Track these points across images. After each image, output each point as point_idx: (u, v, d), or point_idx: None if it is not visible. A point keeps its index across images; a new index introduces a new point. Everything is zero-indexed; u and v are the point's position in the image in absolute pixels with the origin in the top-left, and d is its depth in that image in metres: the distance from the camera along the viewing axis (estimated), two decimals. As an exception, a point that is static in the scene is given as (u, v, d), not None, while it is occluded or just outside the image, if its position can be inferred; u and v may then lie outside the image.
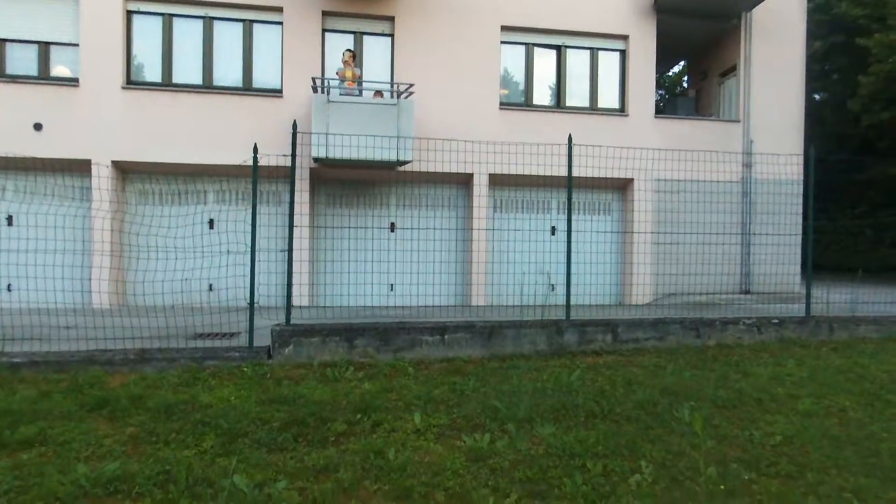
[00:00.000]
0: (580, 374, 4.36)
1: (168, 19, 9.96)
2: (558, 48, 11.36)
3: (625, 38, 11.41)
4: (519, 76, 11.39)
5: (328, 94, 9.45)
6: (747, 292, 12.05)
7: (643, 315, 5.67)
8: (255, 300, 4.99)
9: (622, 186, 11.60)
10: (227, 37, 10.26)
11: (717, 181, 11.77)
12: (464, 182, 11.03)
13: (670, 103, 13.64)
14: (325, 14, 10.28)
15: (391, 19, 10.53)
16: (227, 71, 10.26)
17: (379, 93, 10.02)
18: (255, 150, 5.30)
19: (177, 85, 9.95)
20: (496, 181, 10.92)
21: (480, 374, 4.44)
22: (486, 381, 4.24)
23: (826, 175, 19.38)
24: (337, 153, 9.32)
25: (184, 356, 4.69)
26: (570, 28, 11.18)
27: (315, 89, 9.63)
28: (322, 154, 9.28)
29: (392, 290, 10.85)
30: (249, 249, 4.97)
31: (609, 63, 11.59)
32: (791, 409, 3.57)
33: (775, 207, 11.36)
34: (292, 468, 2.79)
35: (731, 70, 12.32)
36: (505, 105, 10.99)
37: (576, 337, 5.12)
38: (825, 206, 19.67)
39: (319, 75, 10.13)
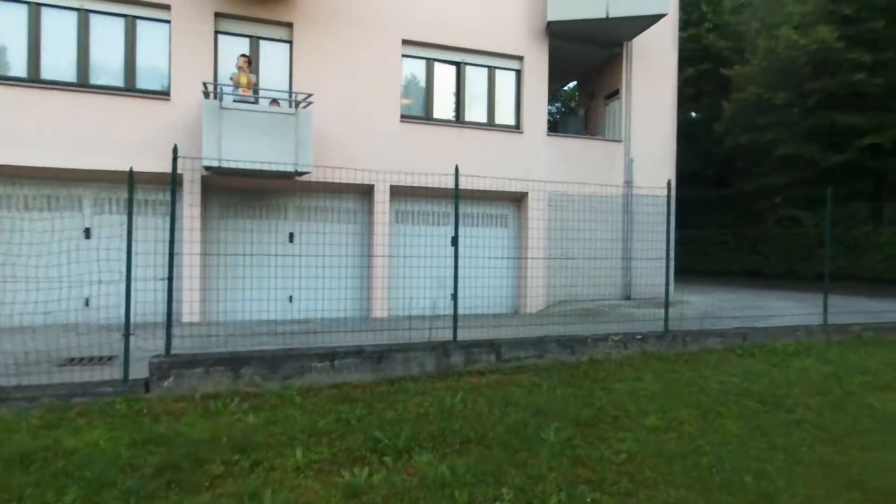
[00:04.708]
0: (463, 396, 4.63)
1: (35, 9, 9.08)
2: (458, 64, 11.71)
3: (520, 58, 12.00)
4: (420, 90, 11.61)
5: (221, 100, 9.09)
6: (628, 298, 13.14)
7: (526, 333, 6.07)
8: (132, 323, 4.75)
9: (518, 199, 12.19)
10: (107, 32, 9.56)
11: (603, 196, 12.74)
12: (365, 193, 11.07)
13: (562, 119, 14.54)
14: (217, 16, 9.87)
15: (289, 25, 10.32)
16: (107, 69, 9.56)
17: (276, 101, 9.80)
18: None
19: (46, 81, 9.10)
20: (397, 192, 11.06)
21: (368, 400, 4.57)
22: (372, 409, 4.37)
23: (698, 190, 21.64)
24: (230, 163, 9.01)
25: (47, 394, 4.36)
26: (469, 46, 11.57)
27: (207, 95, 9.23)
28: (214, 163, 8.93)
29: (291, 302, 10.68)
30: (125, 272, 4.71)
31: (506, 82, 12.14)
32: (640, 426, 4.06)
33: (651, 223, 12.45)
34: (162, 520, 2.76)
35: (615, 93, 13.35)
36: (406, 118, 11.16)
37: (462, 358, 5.40)
38: (697, 219, 21.91)
39: (211, 80, 9.72)
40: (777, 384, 5.17)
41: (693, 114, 23.02)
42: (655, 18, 11.73)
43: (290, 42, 10.40)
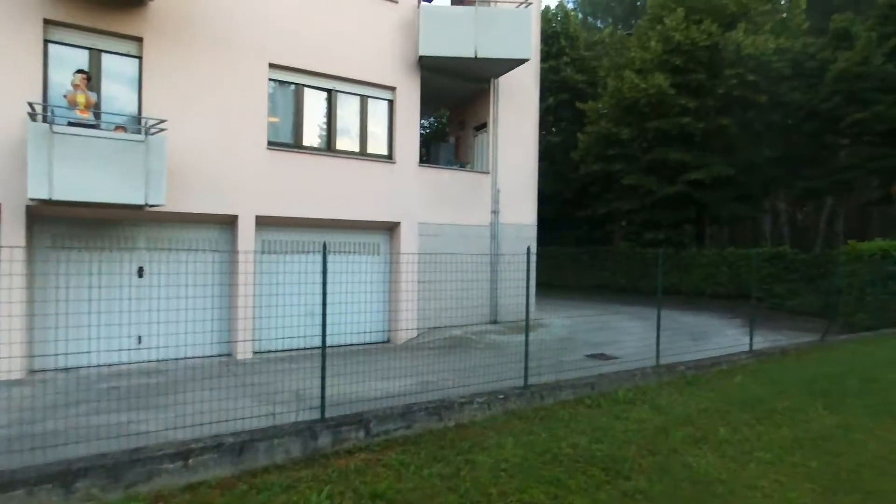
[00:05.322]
0: (330, 489, 4.57)
1: None
2: (329, 91, 11.44)
3: (392, 89, 12.04)
4: (288, 116, 11.16)
5: (52, 122, 7.96)
6: (495, 322, 13.83)
7: (396, 398, 6.15)
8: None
9: (390, 228, 12.25)
10: None
11: (471, 225, 13.27)
12: (228, 223, 10.42)
13: (434, 147, 14.85)
14: (48, 23, 8.62)
15: (139, 40, 9.32)
16: None
17: (122, 127, 8.83)
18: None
19: None
20: (265, 222, 10.57)
21: (226, 507, 4.31)
22: (231, 521, 4.15)
23: (557, 209, 23.40)
24: (63, 194, 7.98)
25: None
26: (341, 74, 11.37)
27: (34, 116, 8.04)
28: (43, 195, 7.84)
29: (140, 342, 9.76)
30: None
31: (378, 111, 12.11)
32: (499, 518, 4.33)
33: (516, 248, 13.19)
34: None
35: (483, 126, 13.95)
36: (273, 145, 10.68)
37: (330, 438, 5.31)
38: (557, 236, 23.74)
39: (39, 98, 8.49)
40: (618, 443, 5.80)
41: (554, 129, 24.80)
42: (520, 62, 12.43)
43: (140, 58, 9.40)
